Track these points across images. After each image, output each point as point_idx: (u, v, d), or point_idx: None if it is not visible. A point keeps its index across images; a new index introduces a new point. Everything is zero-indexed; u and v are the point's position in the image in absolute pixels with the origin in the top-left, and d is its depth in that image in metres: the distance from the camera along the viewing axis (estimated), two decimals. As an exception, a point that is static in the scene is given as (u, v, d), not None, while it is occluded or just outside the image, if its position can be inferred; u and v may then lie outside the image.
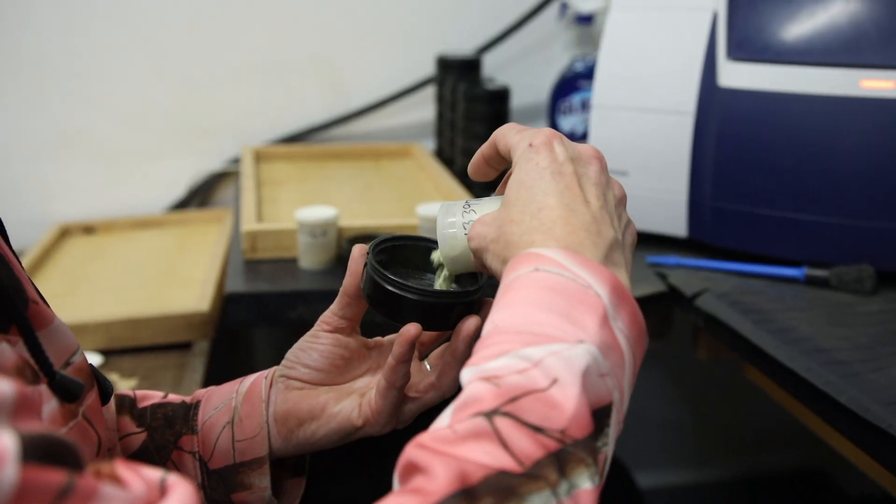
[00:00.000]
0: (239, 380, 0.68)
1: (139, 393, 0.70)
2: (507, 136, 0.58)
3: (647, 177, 1.08)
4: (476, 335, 0.60)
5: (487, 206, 0.59)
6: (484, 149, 0.60)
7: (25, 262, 1.26)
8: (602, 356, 0.47)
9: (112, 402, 0.68)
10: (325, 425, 0.64)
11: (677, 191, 1.07)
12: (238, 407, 0.65)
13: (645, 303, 1.03)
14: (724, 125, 1.02)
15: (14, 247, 0.60)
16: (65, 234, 1.44)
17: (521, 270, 0.50)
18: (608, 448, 0.46)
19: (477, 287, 0.61)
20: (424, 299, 0.59)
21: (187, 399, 0.69)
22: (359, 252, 0.62)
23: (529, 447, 0.42)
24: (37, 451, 0.33)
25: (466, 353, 0.60)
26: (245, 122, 1.56)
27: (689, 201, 1.07)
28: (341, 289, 0.64)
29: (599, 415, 0.45)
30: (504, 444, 0.42)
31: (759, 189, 1.02)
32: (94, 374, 0.60)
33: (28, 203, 1.50)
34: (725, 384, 1.79)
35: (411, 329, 0.59)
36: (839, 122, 0.96)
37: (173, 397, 0.70)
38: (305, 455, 0.69)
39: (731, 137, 1.02)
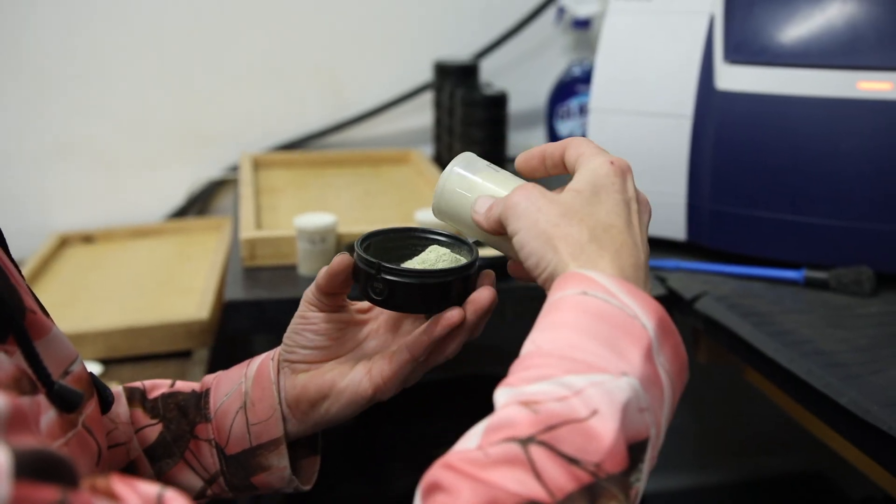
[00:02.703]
0: (245, 363, 0.68)
1: (147, 383, 0.70)
2: (581, 145, 0.56)
3: (646, 180, 1.07)
4: (489, 308, 0.60)
5: (514, 181, 0.58)
6: (549, 147, 0.58)
7: (25, 271, 1.26)
8: (643, 390, 0.46)
9: (122, 395, 0.68)
10: (336, 402, 0.64)
11: (676, 194, 1.07)
12: (249, 391, 0.65)
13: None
14: (721, 128, 1.03)
15: (13, 257, 0.60)
16: (64, 243, 1.44)
17: (568, 291, 0.49)
18: (640, 483, 0.45)
19: (472, 260, 0.61)
20: (424, 281, 0.59)
21: (196, 387, 0.69)
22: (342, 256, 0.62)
23: (562, 479, 0.41)
24: (30, 466, 0.32)
25: (476, 325, 0.61)
26: (243, 130, 1.56)
27: (687, 204, 1.07)
28: (316, 283, 0.62)
29: (635, 450, 0.45)
30: (537, 474, 0.41)
31: (758, 192, 1.02)
32: (95, 383, 0.60)
33: (27, 212, 1.50)
34: (725, 387, 1.78)
35: (455, 315, 0.59)
36: (837, 124, 0.96)
37: (181, 385, 0.69)
38: (318, 433, 0.68)
39: (728, 140, 1.02)
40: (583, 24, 1.51)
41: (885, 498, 1.40)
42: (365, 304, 0.67)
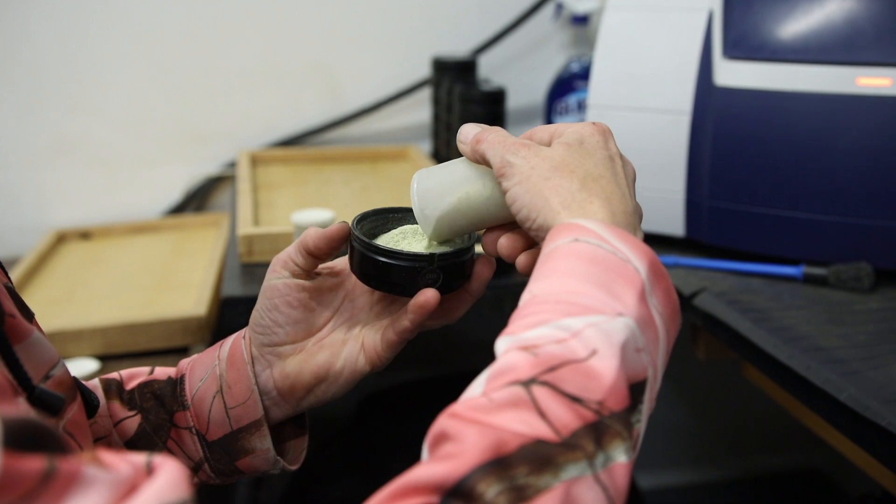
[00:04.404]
0: (217, 345, 0.67)
1: (125, 373, 0.69)
2: (548, 126, 0.58)
3: (644, 176, 1.07)
4: (489, 277, 0.62)
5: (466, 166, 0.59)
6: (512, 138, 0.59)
7: (22, 268, 1.26)
8: (640, 331, 0.47)
9: (99, 388, 0.67)
10: (334, 382, 0.64)
11: (674, 190, 1.07)
12: (224, 374, 0.65)
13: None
14: (720, 124, 1.02)
15: (10, 254, 0.59)
16: (61, 239, 1.44)
17: (561, 240, 0.50)
18: (641, 425, 0.46)
19: (469, 245, 0.61)
20: (415, 264, 0.59)
21: (172, 373, 0.68)
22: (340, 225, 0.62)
23: (567, 417, 0.42)
24: (17, 435, 0.32)
25: (480, 291, 0.63)
26: (241, 126, 1.56)
27: (686, 201, 1.07)
28: (303, 244, 0.62)
29: (635, 390, 0.45)
30: (541, 413, 0.42)
31: (757, 188, 1.02)
32: (79, 387, 0.59)
33: (24, 209, 1.49)
34: (724, 383, 1.79)
35: (430, 297, 0.59)
36: (836, 120, 0.96)
37: (159, 372, 0.69)
38: (304, 412, 0.68)
39: (727, 136, 1.02)
40: (581, 20, 1.50)
41: (884, 494, 1.40)
42: (336, 264, 0.66)
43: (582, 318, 0.46)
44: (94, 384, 0.67)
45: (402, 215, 0.67)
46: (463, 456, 0.40)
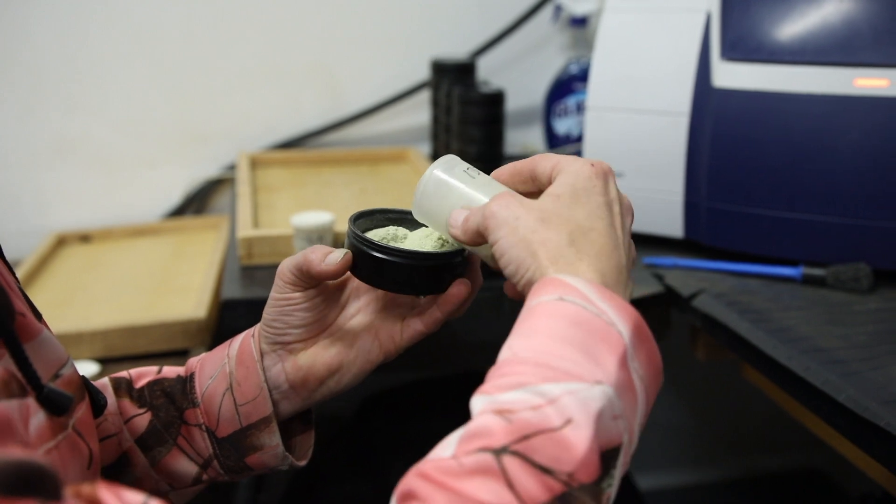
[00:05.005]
0: (227, 343, 0.68)
1: (134, 372, 0.69)
2: (554, 156, 0.57)
3: (643, 178, 1.08)
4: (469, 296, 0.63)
5: (492, 186, 0.59)
6: (517, 164, 0.58)
7: (22, 271, 1.26)
8: (617, 397, 0.46)
9: (109, 386, 0.67)
10: (346, 374, 0.65)
11: (673, 192, 1.07)
12: (233, 371, 0.65)
13: (642, 304, 1.03)
14: (718, 125, 1.03)
15: (10, 257, 0.60)
16: (61, 242, 1.44)
17: (545, 297, 0.49)
18: (612, 489, 0.45)
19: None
20: (419, 262, 0.59)
21: (181, 371, 0.69)
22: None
23: (535, 489, 0.42)
24: (10, 479, 0.32)
25: (479, 279, 0.64)
26: (241, 129, 1.56)
27: (684, 202, 1.07)
28: (307, 269, 0.62)
29: (608, 457, 0.45)
30: (510, 485, 0.42)
31: (755, 189, 1.02)
32: (87, 387, 0.59)
33: (24, 212, 1.49)
34: (724, 384, 1.79)
35: (463, 290, 0.61)
36: (834, 121, 0.96)
37: (168, 371, 0.69)
38: (311, 407, 0.69)
39: (726, 137, 1.02)
40: (580, 22, 1.51)
41: (883, 495, 1.40)
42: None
43: (560, 384, 0.45)
44: (104, 383, 0.68)
45: (395, 215, 0.67)
46: None
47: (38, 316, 0.57)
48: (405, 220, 0.66)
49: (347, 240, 0.62)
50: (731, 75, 1.02)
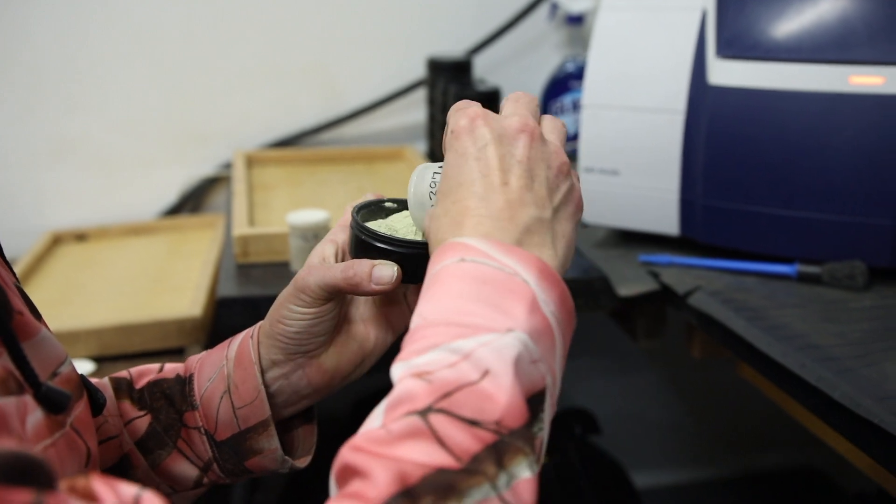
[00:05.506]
0: (226, 343, 0.67)
1: (135, 371, 0.69)
2: (449, 118, 0.59)
3: (639, 176, 1.08)
4: None
5: None
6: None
7: (17, 270, 1.26)
8: (533, 342, 0.47)
9: (109, 387, 0.67)
10: (368, 362, 0.66)
11: (669, 189, 1.07)
12: (231, 373, 0.65)
13: (638, 302, 1.03)
14: (714, 123, 1.03)
15: (7, 256, 0.59)
16: (57, 241, 1.44)
17: (447, 261, 0.50)
18: (544, 433, 0.46)
19: None
20: (416, 251, 0.59)
21: (181, 370, 0.69)
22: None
23: (466, 442, 0.42)
24: (6, 469, 0.32)
25: None
26: (237, 127, 1.56)
27: (680, 199, 1.07)
28: (354, 286, 0.61)
29: (534, 401, 0.46)
30: (440, 442, 0.42)
31: (751, 186, 1.02)
32: (85, 385, 0.59)
33: (20, 211, 1.49)
34: (719, 382, 1.79)
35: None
36: (829, 119, 0.96)
37: (168, 369, 0.69)
38: (313, 404, 0.69)
39: (721, 135, 1.02)
40: (576, 20, 1.51)
41: (879, 492, 1.40)
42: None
43: (472, 338, 0.46)
44: (104, 383, 0.68)
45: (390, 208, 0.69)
46: (372, 492, 0.40)
47: (38, 315, 0.57)
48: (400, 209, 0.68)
49: (365, 241, 0.61)
50: (727, 73, 1.02)
